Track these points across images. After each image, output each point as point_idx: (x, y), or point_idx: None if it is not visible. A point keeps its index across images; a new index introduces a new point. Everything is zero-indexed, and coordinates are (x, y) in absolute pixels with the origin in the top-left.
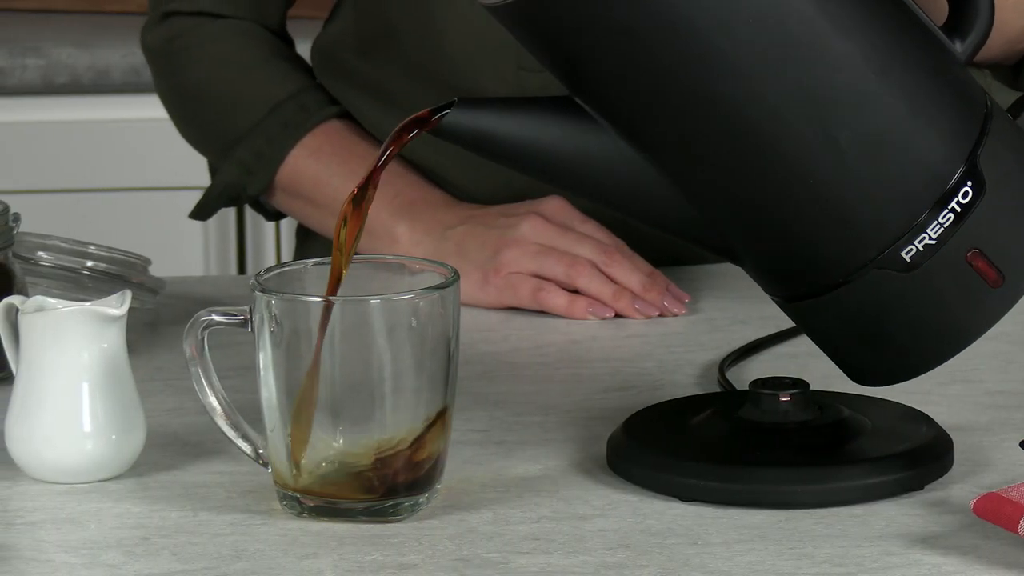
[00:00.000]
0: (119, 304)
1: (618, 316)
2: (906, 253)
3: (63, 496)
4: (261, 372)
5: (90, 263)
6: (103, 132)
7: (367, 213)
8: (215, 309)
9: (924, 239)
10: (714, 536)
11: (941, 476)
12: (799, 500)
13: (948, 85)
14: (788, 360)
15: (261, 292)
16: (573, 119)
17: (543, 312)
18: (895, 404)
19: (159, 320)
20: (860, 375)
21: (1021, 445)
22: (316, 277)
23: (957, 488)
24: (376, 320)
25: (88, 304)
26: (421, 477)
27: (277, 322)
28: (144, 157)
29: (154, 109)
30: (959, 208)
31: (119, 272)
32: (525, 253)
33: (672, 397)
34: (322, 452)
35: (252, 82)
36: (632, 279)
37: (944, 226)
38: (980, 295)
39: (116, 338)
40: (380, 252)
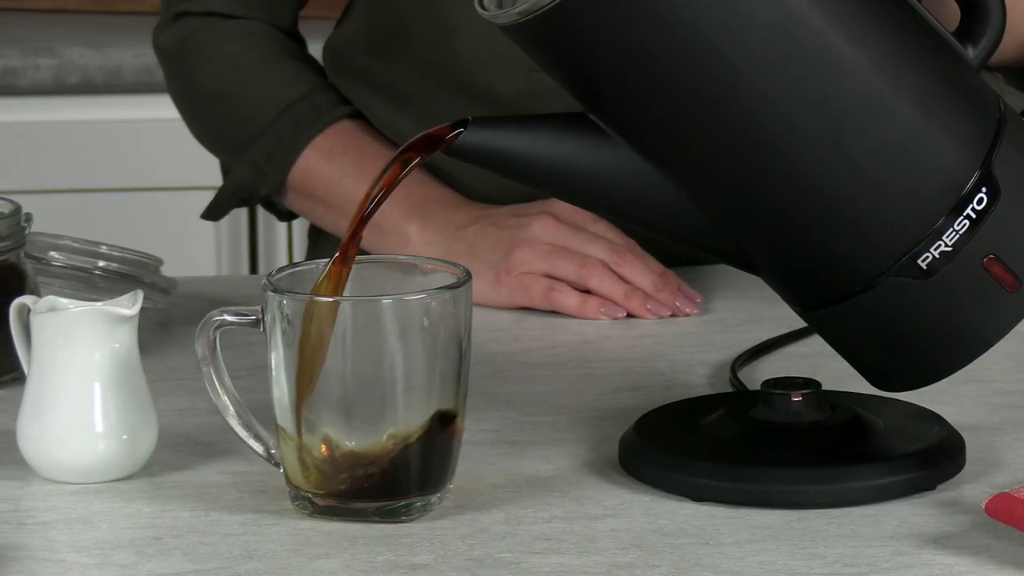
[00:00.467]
0: (131, 304)
1: (630, 316)
2: (922, 260)
3: (75, 496)
4: (273, 372)
5: (102, 263)
6: (115, 132)
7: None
8: (227, 309)
9: (940, 246)
10: (726, 536)
11: (953, 476)
12: (811, 500)
13: (961, 91)
14: (800, 360)
15: (273, 292)
16: (587, 135)
17: (555, 312)
18: (907, 404)
19: (171, 320)
20: (881, 381)
21: None
22: None
23: (969, 488)
24: (388, 320)
25: (100, 304)
26: (432, 476)
27: (289, 322)
28: (156, 157)
29: (166, 109)
30: (974, 214)
31: (131, 272)
32: (537, 253)
33: (684, 397)
34: (333, 451)
35: (264, 82)
36: (644, 279)
37: (960, 233)
38: (997, 300)
39: (128, 338)
40: (392, 252)
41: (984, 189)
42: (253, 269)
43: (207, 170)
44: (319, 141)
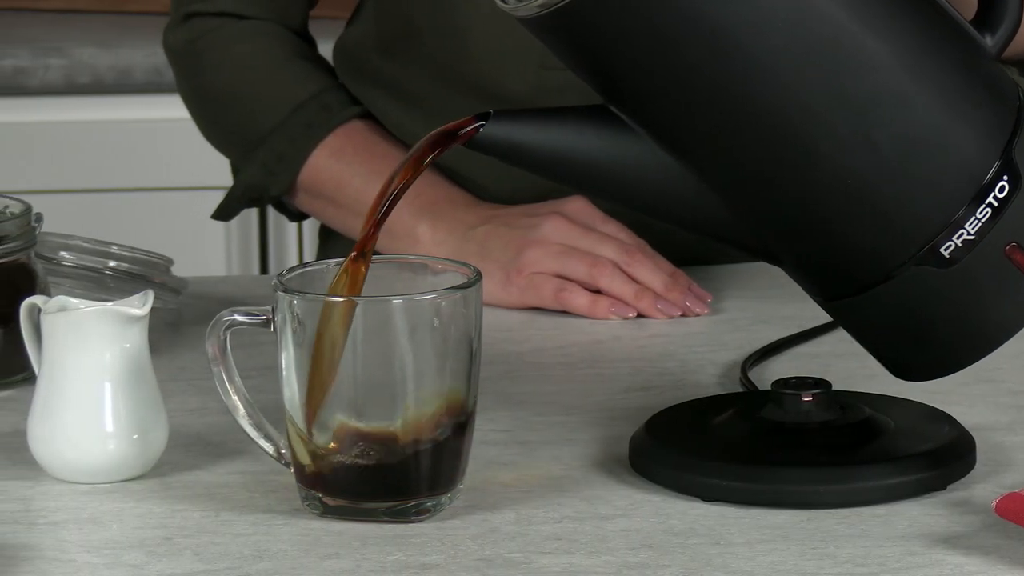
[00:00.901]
0: (141, 304)
1: (640, 316)
2: (945, 249)
3: (85, 496)
4: (283, 372)
5: (112, 263)
6: (125, 132)
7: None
8: (237, 309)
9: (962, 235)
10: (736, 536)
11: (963, 476)
12: (821, 500)
13: (980, 80)
14: (810, 360)
15: (283, 292)
16: (608, 128)
17: (565, 312)
18: (917, 404)
19: (181, 320)
20: (902, 371)
21: None
22: None
23: (979, 488)
24: (398, 320)
25: (110, 304)
26: (443, 476)
27: (299, 322)
28: (166, 157)
29: (176, 109)
30: (996, 203)
31: (141, 272)
32: (547, 253)
33: (694, 397)
34: (342, 449)
35: (274, 83)
36: (654, 279)
37: (982, 221)
38: (1020, 288)
39: (138, 338)
40: (402, 252)
41: (1006, 177)
42: (263, 269)
43: (217, 170)
44: (329, 141)
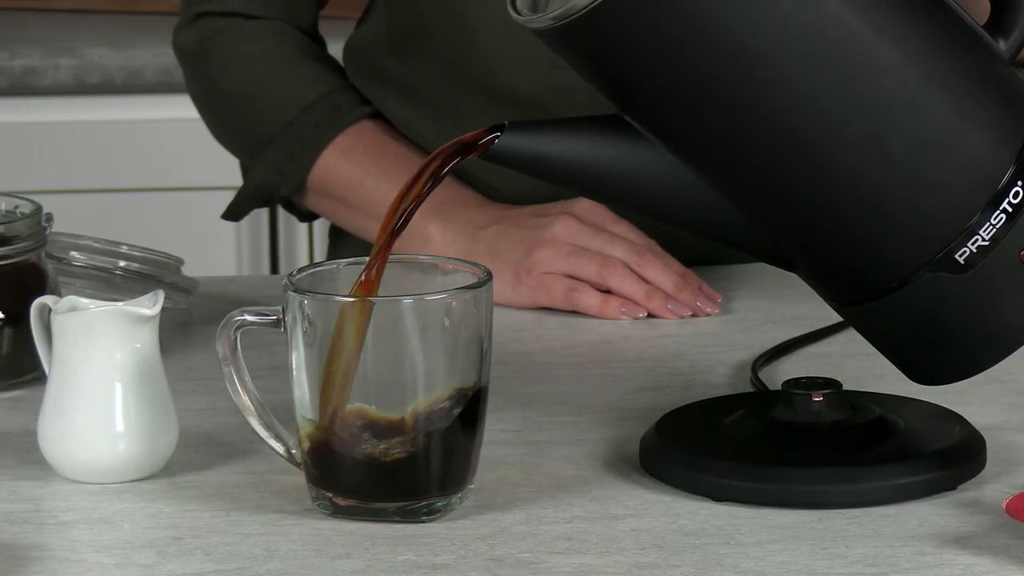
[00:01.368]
0: (152, 304)
1: (650, 316)
2: (960, 255)
3: (96, 496)
4: (294, 372)
5: (123, 263)
6: (135, 132)
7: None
8: (248, 309)
9: (977, 240)
10: (747, 536)
11: (974, 476)
12: (832, 500)
13: (994, 84)
14: (821, 360)
15: (294, 292)
16: (623, 137)
17: (576, 312)
18: (928, 404)
19: (192, 320)
20: (920, 375)
21: None
22: (349, 277)
23: (990, 488)
24: (409, 320)
25: (121, 304)
26: (453, 476)
27: (310, 322)
28: (176, 157)
29: (186, 109)
30: (1010, 208)
31: (152, 272)
32: (558, 253)
33: (705, 397)
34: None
35: (284, 83)
36: (665, 279)
37: (997, 227)
38: None
39: (149, 338)
40: (413, 252)
41: (1020, 182)
42: (274, 269)
43: (227, 170)
44: (339, 141)
